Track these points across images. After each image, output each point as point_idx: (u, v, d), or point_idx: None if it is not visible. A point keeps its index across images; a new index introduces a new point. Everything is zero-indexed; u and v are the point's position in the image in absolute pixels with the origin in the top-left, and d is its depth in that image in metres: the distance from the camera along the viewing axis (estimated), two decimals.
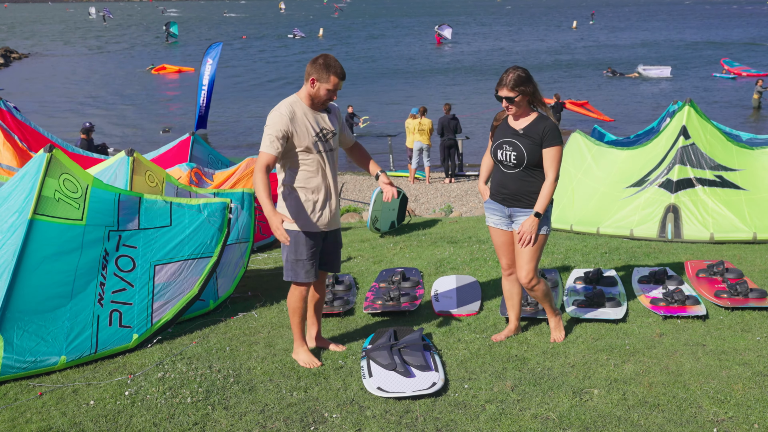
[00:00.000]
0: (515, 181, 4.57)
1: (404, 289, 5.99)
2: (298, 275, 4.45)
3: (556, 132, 4.50)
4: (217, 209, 5.56)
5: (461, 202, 15.00)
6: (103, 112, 28.94)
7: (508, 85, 4.45)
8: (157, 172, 6.32)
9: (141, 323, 4.98)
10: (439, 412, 3.91)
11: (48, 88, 35.77)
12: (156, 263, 5.16)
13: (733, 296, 5.35)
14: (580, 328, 5.01)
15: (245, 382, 4.32)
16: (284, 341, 4.95)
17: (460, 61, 45.72)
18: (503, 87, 4.47)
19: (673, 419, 3.73)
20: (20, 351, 4.48)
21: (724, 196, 8.05)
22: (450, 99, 25.42)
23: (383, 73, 40.78)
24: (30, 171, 4.91)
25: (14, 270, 4.56)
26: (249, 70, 43.43)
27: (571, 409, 3.85)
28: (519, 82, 4.44)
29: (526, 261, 4.58)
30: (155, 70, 42.61)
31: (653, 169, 8.50)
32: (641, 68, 36.01)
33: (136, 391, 4.24)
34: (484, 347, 4.72)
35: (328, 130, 4.41)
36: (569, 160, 9.13)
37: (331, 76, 4.26)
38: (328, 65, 4.27)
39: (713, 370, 4.25)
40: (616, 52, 49.07)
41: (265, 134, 4.25)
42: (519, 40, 61.10)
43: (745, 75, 34.36)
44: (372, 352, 4.46)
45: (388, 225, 8.86)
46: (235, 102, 30.93)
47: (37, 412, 4.06)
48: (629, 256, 7.00)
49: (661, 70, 35.68)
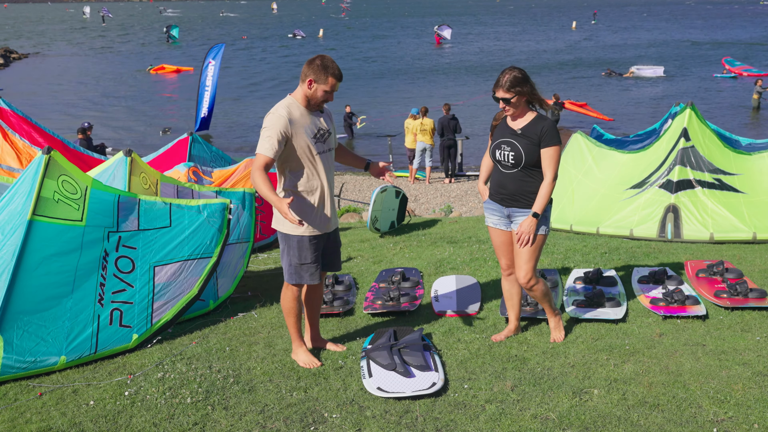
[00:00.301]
0: (514, 181, 4.57)
1: (404, 289, 5.99)
2: (303, 278, 4.44)
3: (555, 132, 4.50)
4: (216, 210, 5.56)
5: (461, 202, 15.01)
6: (101, 113, 28.93)
7: (504, 86, 4.46)
8: (151, 174, 6.32)
9: (141, 323, 4.98)
10: (439, 412, 3.91)
11: (47, 89, 35.77)
12: (155, 264, 5.16)
13: (733, 296, 5.35)
14: (580, 328, 5.01)
15: (245, 383, 4.32)
16: (284, 341, 4.95)
17: (460, 61, 45.72)
18: (499, 88, 4.48)
19: (673, 419, 3.73)
20: (20, 351, 4.48)
21: (723, 198, 8.06)
22: (449, 99, 25.41)
23: (383, 73, 40.77)
24: (29, 172, 4.92)
25: (14, 270, 4.56)
26: (249, 70, 43.43)
27: (571, 409, 3.85)
28: (515, 83, 4.45)
29: (524, 261, 4.58)
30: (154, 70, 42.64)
31: (654, 171, 8.50)
32: (635, 68, 36.88)
33: (136, 392, 4.24)
34: (484, 347, 4.72)
35: (325, 131, 4.40)
36: (570, 160, 9.13)
37: (328, 78, 4.25)
38: (326, 66, 4.25)
39: (713, 370, 4.25)
40: (618, 52, 49.07)
41: (263, 136, 4.21)
42: (520, 40, 61.09)
43: (746, 75, 34.40)
44: (372, 353, 4.46)
45: (387, 225, 8.86)
46: (235, 103, 30.93)
47: (37, 413, 4.06)
48: (629, 256, 7.01)
49: (654, 70, 36.51)
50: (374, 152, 21.01)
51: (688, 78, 35.51)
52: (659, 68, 36.73)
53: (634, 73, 36.12)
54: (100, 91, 35.47)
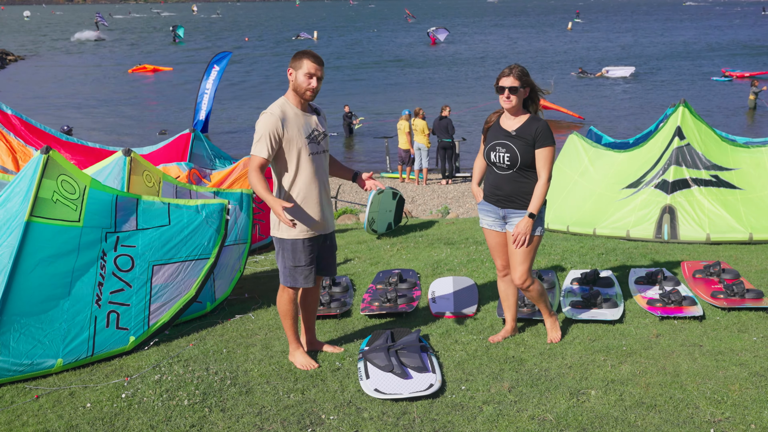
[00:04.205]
0: (509, 182, 4.57)
1: (401, 290, 5.99)
2: (297, 280, 4.43)
3: (549, 133, 4.51)
4: (214, 210, 5.56)
5: (458, 204, 15.01)
6: (101, 114, 28.91)
7: (514, 74, 4.47)
8: (154, 173, 6.32)
9: (138, 325, 4.97)
10: (436, 413, 3.91)
11: (42, 91, 35.70)
12: (154, 263, 5.15)
13: (730, 297, 5.36)
14: (577, 329, 5.02)
15: (242, 384, 4.32)
16: (281, 343, 4.95)
17: (455, 61, 45.73)
18: (507, 77, 4.48)
19: (670, 420, 3.73)
20: (17, 354, 4.47)
21: (720, 196, 8.07)
22: (446, 100, 25.43)
23: (380, 74, 40.78)
24: (27, 173, 4.90)
25: (10, 272, 4.55)
26: (250, 71, 43.43)
27: (569, 410, 3.86)
28: (523, 74, 4.49)
29: (519, 262, 4.58)
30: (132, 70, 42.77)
31: (649, 170, 8.51)
32: (605, 69, 37.70)
33: (133, 394, 4.24)
34: (481, 348, 4.72)
35: (319, 132, 4.39)
36: (566, 161, 9.14)
37: (304, 60, 4.25)
38: (302, 53, 4.29)
39: (710, 370, 4.26)
40: (608, 53, 49.11)
41: (256, 137, 4.20)
42: (516, 40, 61.16)
43: (747, 75, 34.47)
44: (369, 354, 4.46)
45: (385, 226, 8.86)
46: (235, 103, 30.90)
47: (34, 415, 4.05)
48: (626, 257, 7.01)
49: (625, 70, 37.29)
50: (372, 153, 21.03)
51: (686, 81, 35.51)
52: (629, 69, 37.52)
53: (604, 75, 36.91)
54: (98, 92, 35.42)
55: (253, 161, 4.19)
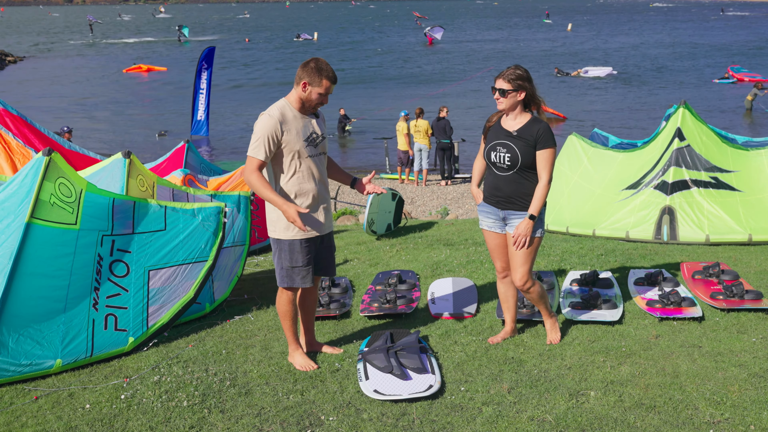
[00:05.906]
0: (509, 183, 4.57)
1: (401, 291, 5.99)
2: (294, 281, 4.42)
3: (550, 134, 4.51)
4: (211, 213, 5.55)
5: (457, 205, 15.01)
6: (101, 115, 28.91)
7: (506, 77, 4.48)
8: (148, 177, 6.31)
9: (137, 327, 4.97)
10: (435, 414, 3.91)
11: (41, 92, 35.69)
12: (150, 268, 5.14)
13: (729, 298, 5.36)
14: (577, 330, 5.02)
15: (241, 386, 4.32)
16: (280, 344, 4.94)
17: (452, 61, 45.75)
18: (501, 78, 4.50)
19: (670, 421, 3.73)
20: (15, 354, 4.47)
21: (719, 198, 8.07)
22: (443, 101, 25.42)
23: (379, 75, 40.78)
24: (28, 174, 4.89)
25: (10, 273, 4.54)
26: (250, 71, 43.42)
27: (568, 411, 3.86)
28: (517, 77, 4.47)
29: (520, 264, 4.58)
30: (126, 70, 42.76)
31: (648, 171, 8.52)
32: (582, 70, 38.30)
33: (132, 395, 4.23)
34: (481, 349, 4.72)
35: (318, 135, 4.38)
36: (565, 162, 9.14)
37: (323, 80, 4.23)
38: (320, 69, 4.23)
39: (709, 371, 4.26)
40: (604, 56, 49.18)
41: (254, 138, 4.20)
42: (512, 40, 61.21)
43: (747, 80, 34.42)
44: (368, 355, 4.46)
45: (384, 227, 8.86)
46: (235, 105, 30.90)
47: (33, 416, 4.04)
48: (625, 258, 7.02)
49: (602, 70, 37.88)
50: (370, 154, 21.03)
51: (688, 84, 35.51)
52: (606, 69, 38.11)
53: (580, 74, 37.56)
54: (97, 93, 35.42)
55: (250, 163, 4.18)
